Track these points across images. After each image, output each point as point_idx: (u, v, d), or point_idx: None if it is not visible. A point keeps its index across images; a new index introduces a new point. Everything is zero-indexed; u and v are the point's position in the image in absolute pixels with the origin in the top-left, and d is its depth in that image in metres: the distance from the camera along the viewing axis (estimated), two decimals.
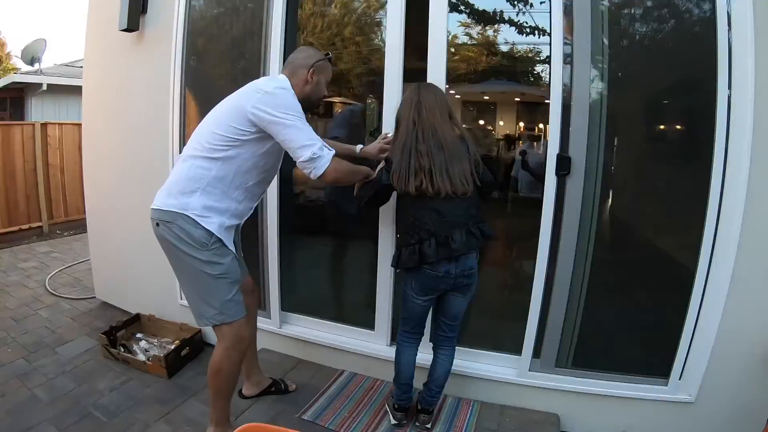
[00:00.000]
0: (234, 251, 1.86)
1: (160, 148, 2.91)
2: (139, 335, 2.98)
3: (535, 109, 2.78)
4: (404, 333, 2.10)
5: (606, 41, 2.01)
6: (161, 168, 2.83)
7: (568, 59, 1.97)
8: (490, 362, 2.39)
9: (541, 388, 2.26)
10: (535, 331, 2.22)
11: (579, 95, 1.98)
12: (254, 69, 2.60)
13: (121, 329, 2.89)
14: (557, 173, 2.02)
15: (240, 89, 1.83)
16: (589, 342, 2.24)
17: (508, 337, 2.38)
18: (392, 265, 2.05)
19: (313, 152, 1.71)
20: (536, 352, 2.25)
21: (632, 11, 2.07)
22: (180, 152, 2.44)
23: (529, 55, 2.48)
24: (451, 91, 2.44)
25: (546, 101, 2.03)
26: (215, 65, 2.95)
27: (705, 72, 1.88)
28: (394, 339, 2.47)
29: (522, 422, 2.21)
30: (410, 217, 1.89)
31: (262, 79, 1.92)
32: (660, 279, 2.20)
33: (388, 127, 2.26)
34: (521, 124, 2.90)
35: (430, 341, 2.14)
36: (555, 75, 1.98)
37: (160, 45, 2.86)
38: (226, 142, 1.74)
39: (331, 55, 1.98)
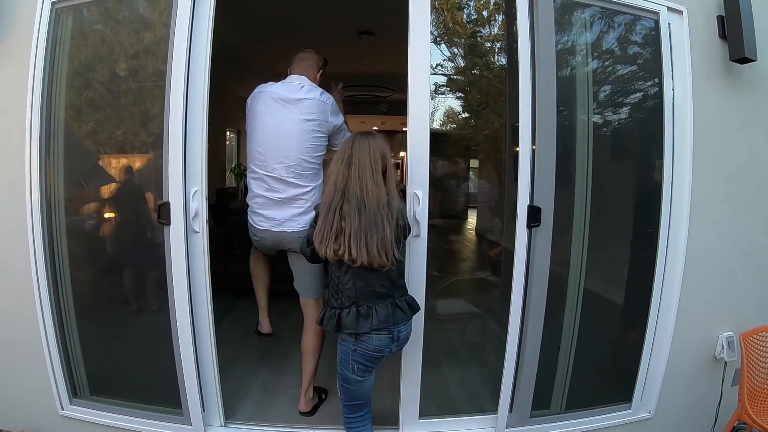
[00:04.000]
0: None
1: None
2: None
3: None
4: (355, 418, 1.84)
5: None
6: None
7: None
8: (462, 427, 2.17)
9: None
10: (510, 387, 2.05)
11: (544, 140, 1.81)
12: None
13: None
14: (528, 225, 1.83)
15: (295, 106, 2.04)
16: (563, 386, 2.18)
17: (476, 396, 2.21)
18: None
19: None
20: (510, 406, 2.10)
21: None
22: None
23: None
24: None
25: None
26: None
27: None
28: None
29: None
30: (334, 279, 1.70)
31: (321, 95, 2.09)
32: (621, 316, 2.31)
33: None
34: None
35: None
36: (524, 119, 1.76)
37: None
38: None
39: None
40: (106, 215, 2.23)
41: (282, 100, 2.04)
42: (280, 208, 2.08)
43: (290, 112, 2.02)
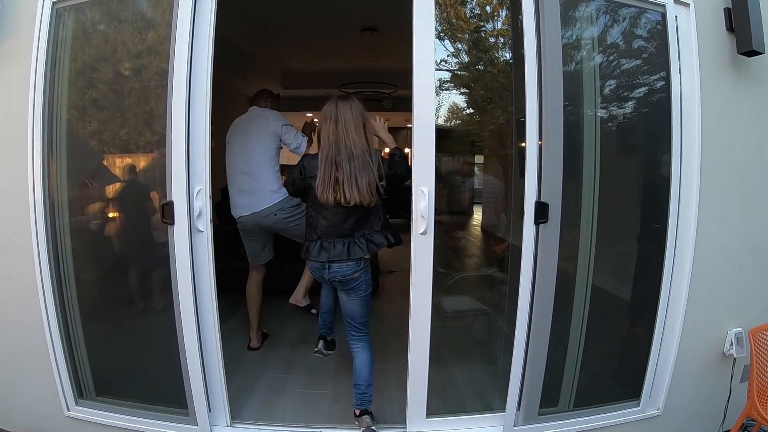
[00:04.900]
0: None
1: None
2: None
3: None
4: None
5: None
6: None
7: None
8: (469, 426, 2.16)
9: None
10: (518, 385, 2.03)
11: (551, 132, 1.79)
12: None
13: None
14: (536, 222, 1.81)
15: (249, 126, 2.80)
16: (571, 384, 2.16)
17: (483, 394, 2.19)
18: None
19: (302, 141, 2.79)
20: (518, 404, 2.08)
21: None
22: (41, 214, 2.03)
23: None
24: None
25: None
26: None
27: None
28: None
29: None
30: (311, 216, 2.14)
31: (263, 111, 2.86)
32: (630, 312, 2.29)
33: None
34: None
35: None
36: (530, 114, 1.73)
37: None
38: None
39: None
40: (110, 215, 2.23)
41: (243, 121, 2.88)
42: (247, 197, 2.71)
43: (247, 126, 2.81)
